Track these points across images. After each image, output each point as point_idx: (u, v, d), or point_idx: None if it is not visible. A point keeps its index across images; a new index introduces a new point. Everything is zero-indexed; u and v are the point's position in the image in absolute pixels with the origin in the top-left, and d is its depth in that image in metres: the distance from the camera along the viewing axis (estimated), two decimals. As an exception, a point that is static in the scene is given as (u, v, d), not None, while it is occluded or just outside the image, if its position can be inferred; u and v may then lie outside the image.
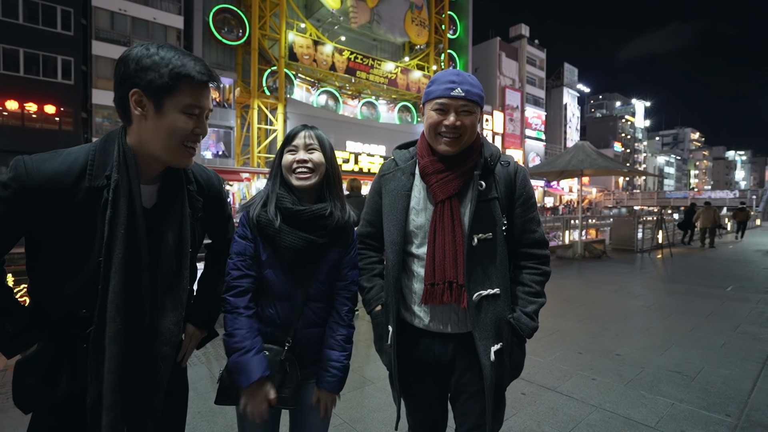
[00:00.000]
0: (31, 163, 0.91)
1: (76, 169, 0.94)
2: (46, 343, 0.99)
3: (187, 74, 0.95)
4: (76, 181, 0.93)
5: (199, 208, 1.16)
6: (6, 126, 17.17)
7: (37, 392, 0.96)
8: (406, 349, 1.33)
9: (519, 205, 1.28)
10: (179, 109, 0.97)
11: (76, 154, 0.96)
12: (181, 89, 0.96)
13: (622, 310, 5.13)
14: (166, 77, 0.94)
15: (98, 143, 0.99)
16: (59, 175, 0.92)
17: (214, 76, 1.02)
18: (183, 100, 0.96)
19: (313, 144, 1.27)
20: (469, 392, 1.28)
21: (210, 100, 1.03)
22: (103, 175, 0.95)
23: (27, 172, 0.90)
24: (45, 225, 0.93)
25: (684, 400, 2.73)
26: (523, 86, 41.59)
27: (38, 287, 0.99)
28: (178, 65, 0.95)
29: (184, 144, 1.00)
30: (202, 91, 0.99)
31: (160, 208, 1.05)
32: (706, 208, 13.53)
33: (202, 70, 0.98)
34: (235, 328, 1.17)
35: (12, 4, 16.93)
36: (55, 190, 0.91)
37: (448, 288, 1.22)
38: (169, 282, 1.05)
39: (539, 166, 11.41)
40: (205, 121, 1.03)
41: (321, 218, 1.24)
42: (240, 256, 1.23)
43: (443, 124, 1.21)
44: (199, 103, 0.99)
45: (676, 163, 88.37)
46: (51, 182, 0.91)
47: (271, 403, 1.16)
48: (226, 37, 21.87)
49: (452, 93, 1.19)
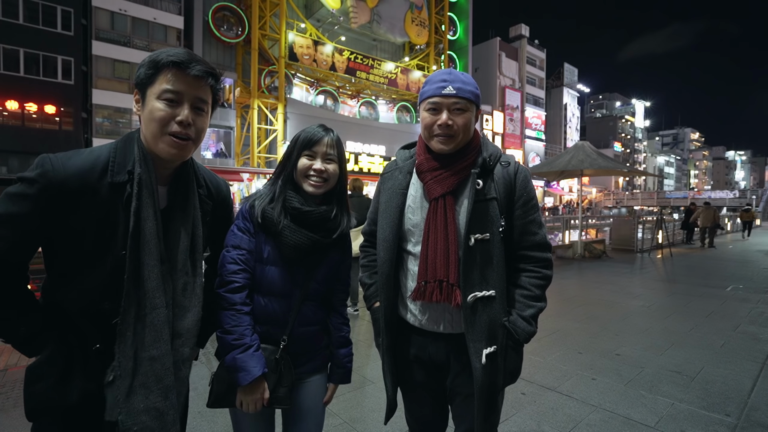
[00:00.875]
0: (57, 160, 0.93)
1: (99, 166, 0.96)
2: (57, 344, 0.98)
3: (158, 61, 0.97)
4: (100, 177, 0.95)
5: (208, 211, 1.17)
6: (6, 126, 17.17)
7: (52, 396, 0.95)
8: (403, 347, 1.34)
9: (519, 206, 1.26)
10: (156, 96, 0.98)
11: (98, 151, 0.99)
12: (158, 77, 0.97)
13: (622, 310, 5.14)
14: (145, 68, 0.98)
15: (118, 142, 1.02)
16: (84, 171, 0.94)
17: (191, 61, 0.99)
18: (159, 87, 0.97)
19: (332, 155, 1.27)
20: (463, 394, 1.27)
21: (196, 89, 1.00)
22: (125, 171, 0.97)
23: (54, 168, 0.92)
24: (70, 221, 0.94)
25: (684, 400, 2.73)
26: (523, 86, 41.57)
27: (59, 284, 0.99)
28: (155, 56, 0.97)
29: (166, 132, 0.99)
30: (178, 77, 0.98)
31: (173, 209, 1.07)
32: (705, 207, 13.55)
33: (174, 53, 0.98)
34: (233, 325, 1.15)
35: (12, 4, 16.93)
36: (81, 185, 0.93)
37: (438, 287, 1.21)
38: (185, 282, 1.06)
39: (539, 166, 11.40)
40: (187, 109, 0.99)
41: (327, 220, 1.26)
42: (238, 250, 1.21)
43: (437, 124, 1.21)
44: (174, 89, 0.97)
45: (676, 163, 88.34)
46: (77, 178, 0.93)
47: (264, 402, 1.16)
48: (225, 35, 21.85)
49: (443, 91, 1.20)
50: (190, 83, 0.99)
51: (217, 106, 1.11)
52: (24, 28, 17.16)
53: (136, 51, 19.58)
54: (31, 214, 0.91)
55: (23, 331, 0.95)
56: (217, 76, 1.06)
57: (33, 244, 0.95)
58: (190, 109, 1.01)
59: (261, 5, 21.82)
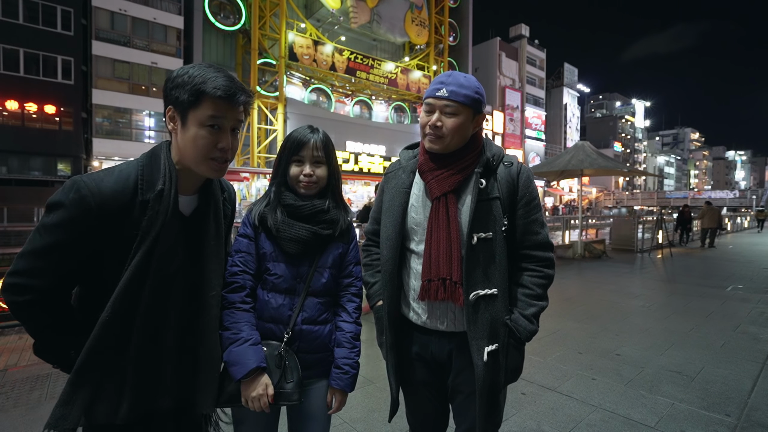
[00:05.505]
0: (92, 182, 0.93)
1: (130, 186, 0.98)
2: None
3: (204, 90, 0.98)
4: (132, 196, 0.97)
5: (228, 215, 1.24)
6: (6, 126, 17.19)
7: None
8: (405, 345, 1.35)
9: (522, 206, 1.27)
10: (199, 124, 1.00)
11: (126, 171, 1.00)
12: (201, 104, 0.99)
13: (622, 310, 5.13)
14: (188, 93, 0.98)
15: (144, 159, 1.04)
16: (118, 193, 0.95)
17: (236, 92, 1.01)
18: (202, 115, 0.99)
19: (320, 157, 1.28)
20: (465, 392, 1.28)
21: (236, 114, 1.04)
22: (155, 189, 0.99)
23: (91, 192, 0.92)
24: (109, 242, 0.95)
25: (684, 400, 2.73)
26: (523, 86, 41.58)
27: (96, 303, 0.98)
28: (199, 82, 0.98)
29: (209, 157, 1.02)
30: (222, 106, 1.00)
31: (201, 215, 1.12)
32: (709, 208, 13.48)
33: (221, 85, 0.99)
34: (231, 322, 1.17)
35: (12, 4, 16.94)
36: (116, 207, 0.94)
37: (442, 285, 1.22)
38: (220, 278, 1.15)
39: (539, 166, 11.39)
40: (229, 136, 1.04)
41: (322, 212, 1.28)
42: (239, 254, 1.26)
43: (428, 124, 1.24)
44: (218, 117, 1.00)
45: (676, 163, 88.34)
46: (112, 200, 0.94)
47: (269, 399, 1.14)
48: (223, 22, 21.94)
49: (437, 93, 1.22)
50: (232, 111, 1.03)
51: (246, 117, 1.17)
52: (24, 28, 17.17)
53: (136, 51, 19.59)
54: (74, 241, 0.92)
55: (74, 354, 0.95)
56: (252, 99, 1.10)
57: (77, 269, 0.96)
58: (230, 134, 1.05)
59: (261, 5, 21.82)
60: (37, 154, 18.20)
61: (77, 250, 0.93)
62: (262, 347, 1.18)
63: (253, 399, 1.13)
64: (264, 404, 1.14)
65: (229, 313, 1.19)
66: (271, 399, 1.14)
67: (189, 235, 1.08)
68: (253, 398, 1.13)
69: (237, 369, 1.12)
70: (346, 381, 1.27)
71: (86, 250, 0.94)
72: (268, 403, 1.14)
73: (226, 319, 1.18)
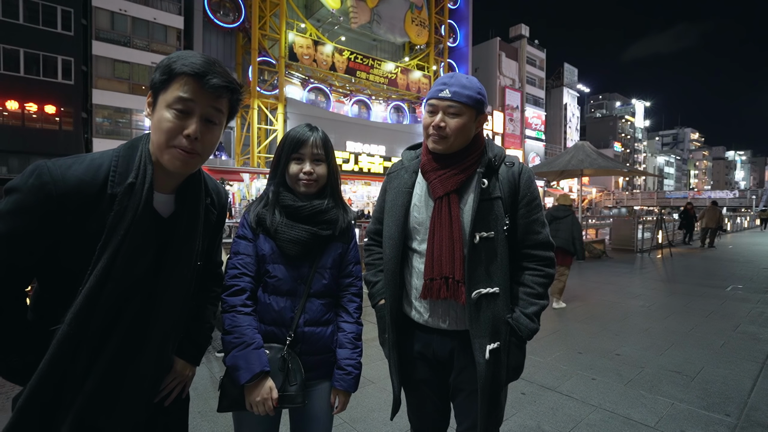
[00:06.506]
0: (56, 169, 0.84)
1: (100, 177, 0.88)
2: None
3: (173, 68, 0.90)
4: (101, 189, 0.87)
5: (212, 221, 1.13)
6: (6, 126, 17.17)
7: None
8: (407, 344, 1.35)
9: (523, 205, 1.28)
10: (166, 105, 0.91)
11: (99, 160, 0.91)
12: (171, 85, 0.90)
13: (622, 310, 5.14)
14: (160, 72, 0.91)
15: (122, 149, 0.95)
16: (84, 183, 0.86)
17: (207, 73, 0.91)
18: (170, 96, 0.90)
19: (320, 155, 1.28)
20: (467, 390, 1.29)
21: (210, 100, 0.93)
22: (125, 183, 0.89)
23: (53, 179, 0.83)
24: (68, 236, 0.86)
25: (684, 400, 2.73)
26: (523, 86, 41.56)
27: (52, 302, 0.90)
28: (173, 61, 0.91)
29: (172, 144, 0.91)
30: (191, 87, 0.90)
31: (178, 217, 1.01)
32: (711, 208, 13.47)
33: (191, 63, 0.90)
34: (233, 326, 1.16)
35: (12, 4, 16.92)
36: (81, 198, 0.85)
37: (444, 283, 1.23)
38: (185, 289, 1.03)
39: (539, 166, 11.38)
40: (197, 122, 0.92)
41: (321, 213, 1.27)
42: (238, 256, 1.25)
43: (431, 125, 1.25)
44: (186, 99, 0.90)
45: (676, 163, 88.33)
46: (76, 191, 0.85)
47: (273, 403, 1.13)
48: (223, 20, 21.92)
49: (440, 94, 1.24)
50: (204, 95, 0.92)
51: (234, 115, 1.04)
52: (24, 28, 17.15)
53: (136, 51, 19.59)
54: (30, 231, 0.82)
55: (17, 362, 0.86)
56: (236, 89, 0.97)
57: (32, 262, 0.86)
58: (201, 122, 0.93)
59: (261, 5, 21.83)
60: (37, 154, 18.14)
61: (31, 242, 0.83)
62: (265, 351, 1.17)
63: (257, 403, 1.12)
64: (269, 408, 1.13)
65: (231, 317, 1.17)
66: (275, 403, 1.14)
67: (164, 239, 0.97)
68: (257, 402, 1.12)
69: (241, 374, 1.11)
70: (349, 382, 1.27)
71: (42, 243, 0.84)
72: (272, 406, 1.13)
73: (227, 323, 1.17)
